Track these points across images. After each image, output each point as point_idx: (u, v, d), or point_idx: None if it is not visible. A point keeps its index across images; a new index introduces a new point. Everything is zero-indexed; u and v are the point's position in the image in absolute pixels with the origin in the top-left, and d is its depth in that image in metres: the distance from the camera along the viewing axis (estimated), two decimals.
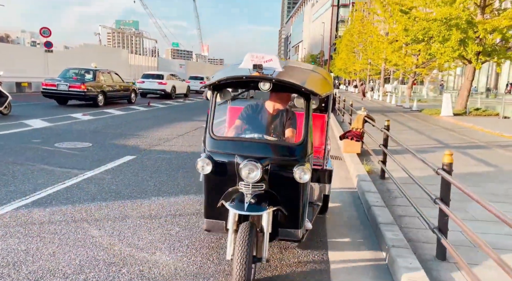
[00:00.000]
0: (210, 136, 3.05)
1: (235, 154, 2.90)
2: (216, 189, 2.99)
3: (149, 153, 7.18)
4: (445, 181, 3.16)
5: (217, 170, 2.94)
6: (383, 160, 5.97)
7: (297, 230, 3.01)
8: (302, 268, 3.20)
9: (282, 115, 3.38)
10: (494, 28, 14.68)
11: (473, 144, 9.48)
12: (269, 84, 2.92)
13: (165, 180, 5.47)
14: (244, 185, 2.83)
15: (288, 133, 3.29)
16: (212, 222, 3.09)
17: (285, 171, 2.89)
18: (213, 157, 2.94)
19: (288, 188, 2.92)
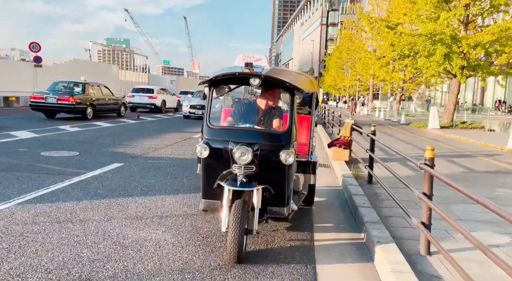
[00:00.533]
0: (207, 126, 3.48)
1: (229, 141, 3.34)
2: (212, 172, 3.40)
3: (137, 161, 7.15)
4: (428, 175, 3.21)
5: (214, 154, 3.36)
6: (370, 165, 6.04)
7: (283, 208, 3.41)
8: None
9: (272, 111, 3.90)
10: (477, 43, 15.13)
11: (459, 153, 9.63)
12: (258, 79, 3.35)
13: (152, 185, 5.44)
14: (237, 167, 3.27)
15: (275, 124, 3.76)
16: (209, 202, 3.48)
17: (272, 155, 3.31)
18: (210, 143, 3.37)
19: (275, 169, 3.34)
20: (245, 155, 3.21)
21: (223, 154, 3.36)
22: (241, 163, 3.23)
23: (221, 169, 3.37)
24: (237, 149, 3.22)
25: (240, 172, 3.25)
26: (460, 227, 2.49)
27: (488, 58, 16.68)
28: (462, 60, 15.68)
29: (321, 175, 6.75)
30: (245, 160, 3.22)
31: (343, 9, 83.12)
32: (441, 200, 4.63)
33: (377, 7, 29.18)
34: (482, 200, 2.25)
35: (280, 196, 3.39)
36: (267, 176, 3.34)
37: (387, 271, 2.90)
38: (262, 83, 3.39)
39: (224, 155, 3.36)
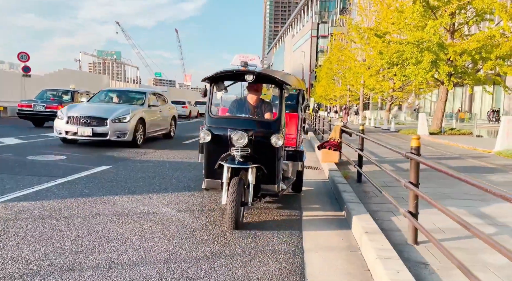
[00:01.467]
0: (209, 115, 4.07)
1: (228, 128, 3.90)
2: (213, 154, 3.95)
3: (125, 164, 7.07)
4: (414, 163, 3.23)
5: (215, 139, 3.92)
6: (359, 164, 6.05)
7: (274, 185, 3.99)
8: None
9: (261, 105, 4.53)
10: (463, 50, 15.44)
11: (447, 156, 9.73)
12: (252, 76, 3.94)
13: (140, 185, 5.37)
14: (234, 149, 3.80)
15: (267, 116, 4.43)
16: (210, 181, 4.04)
17: (264, 139, 3.87)
18: (211, 130, 3.94)
19: (267, 151, 3.90)
20: (241, 139, 3.76)
21: (223, 139, 3.90)
22: (238, 146, 3.78)
23: (221, 152, 3.91)
24: (234, 134, 3.77)
25: (238, 153, 3.78)
26: (446, 209, 2.49)
27: (475, 65, 17.01)
28: (449, 67, 15.97)
29: (311, 176, 6.76)
30: (241, 144, 3.77)
31: (333, 21, 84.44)
32: None
33: (366, 17, 29.69)
34: (465, 178, 2.26)
35: (271, 175, 3.96)
36: (260, 157, 3.88)
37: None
38: (255, 79, 3.98)
39: (224, 140, 3.90)
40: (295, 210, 4.51)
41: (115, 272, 2.65)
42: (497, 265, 2.79)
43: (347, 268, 2.96)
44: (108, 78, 35.19)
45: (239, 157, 3.78)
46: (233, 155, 3.82)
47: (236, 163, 3.73)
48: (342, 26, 59.85)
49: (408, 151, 3.32)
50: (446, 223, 3.71)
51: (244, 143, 3.77)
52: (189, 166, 7.15)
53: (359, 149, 6.04)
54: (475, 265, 2.78)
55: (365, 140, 6.10)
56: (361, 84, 32.33)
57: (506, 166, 7.95)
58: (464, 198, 4.94)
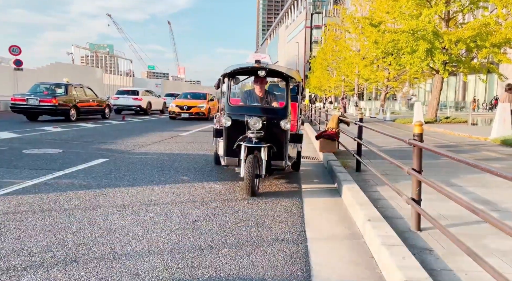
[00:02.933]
0: (228, 104, 4.89)
1: (245, 114, 4.66)
2: (232, 136, 4.71)
3: (123, 156, 7.01)
4: (417, 149, 3.22)
5: (234, 124, 4.70)
6: (358, 153, 6.05)
7: (282, 161, 4.80)
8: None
9: (268, 96, 5.39)
10: (458, 38, 15.43)
11: (444, 144, 9.77)
12: (264, 71, 4.87)
13: (139, 177, 5.33)
14: (250, 132, 4.55)
15: (274, 105, 5.31)
16: (229, 158, 4.79)
17: (275, 123, 4.68)
18: (231, 117, 4.72)
19: (277, 133, 4.71)
20: (256, 123, 4.52)
21: (241, 124, 4.66)
22: (254, 129, 4.52)
23: (239, 134, 4.69)
24: (251, 119, 4.53)
25: (253, 135, 4.52)
26: (452, 193, 2.48)
27: (469, 54, 17.02)
28: (444, 55, 15.96)
29: (309, 166, 6.76)
30: (256, 127, 4.52)
31: (327, 11, 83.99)
32: None
33: (360, 7, 29.53)
34: (466, 160, 2.24)
35: (280, 153, 4.75)
36: (271, 138, 4.65)
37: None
38: (266, 74, 4.94)
39: (241, 124, 4.65)
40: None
41: (120, 263, 2.62)
42: (502, 250, 2.80)
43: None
44: (102, 71, 34.78)
45: (254, 138, 4.52)
46: (249, 137, 4.56)
47: (253, 143, 4.49)
48: (336, 16, 59.54)
49: (411, 138, 3.31)
50: (448, 210, 3.73)
51: (259, 127, 4.52)
52: (188, 158, 7.11)
53: (357, 137, 6.03)
54: (480, 251, 2.79)
55: (364, 130, 6.09)
56: (356, 75, 32.30)
57: (503, 152, 8.00)
58: (466, 185, 4.96)
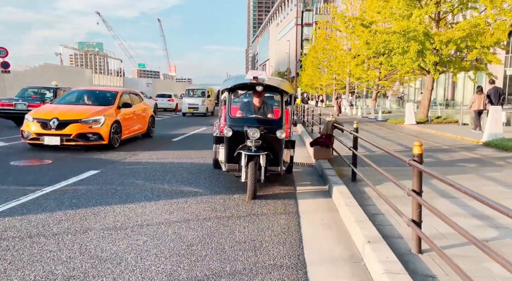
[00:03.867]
0: (229, 116, 5.38)
1: (244, 125, 5.12)
2: (233, 145, 5.15)
3: (114, 167, 6.86)
4: (417, 171, 3.15)
5: (234, 134, 5.14)
6: (353, 163, 5.99)
7: (278, 167, 5.26)
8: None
9: (265, 106, 5.82)
10: (449, 39, 15.48)
11: (437, 148, 9.77)
12: (262, 87, 5.40)
13: (131, 192, 5.20)
14: (250, 141, 4.99)
15: (269, 115, 5.72)
16: (231, 165, 5.25)
17: (272, 133, 5.13)
18: (232, 127, 5.16)
19: (273, 142, 5.17)
20: (255, 133, 4.95)
21: (240, 134, 5.09)
22: (253, 138, 4.96)
23: (239, 143, 5.12)
24: (250, 129, 4.98)
25: (252, 144, 4.96)
26: (452, 222, 2.42)
27: (460, 54, 17.11)
28: (435, 56, 16.02)
29: (305, 175, 6.68)
30: (255, 137, 4.96)
31: (317, 9, 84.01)
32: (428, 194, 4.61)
33: (350, 6, 29.55)
34: (472, 193, 2.18)
35: (276, 159, 5.21)
36: (268, 147, 5.10)
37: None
38: (263, 88, 5.46)
39: (241, 134, 5.08)
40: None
41: None
42: (506, 277, 2.75)
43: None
44: (91, 72, 34.29)
45: (253, 147, 4.95)
46: (248, 146, 4.99)
47: (252, 152, 4.93)
48: (326, 14, 59.60)
49: (411, 158, 3.24)
50: (449, 227, 3.68)
51: (257, 137, 4.96)
52: (181, 168, 6.98)
53: (353, 147, 5.96)
54: (482, 277, 2.74)
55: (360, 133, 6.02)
56: (347, 73, 32.35)
57: (498, 158, 8.01)
58: (463, 196, 4.92)
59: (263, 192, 5.40)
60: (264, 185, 5.64)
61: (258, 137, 4.96)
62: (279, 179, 6.11)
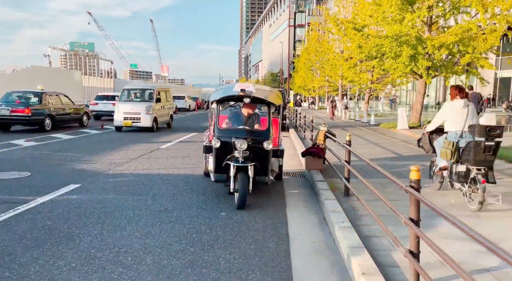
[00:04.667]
0: (217, 127, 5.36)
1: (232, 136, 5.14)
2: (221, 156, 5.18)
3: (96, 180, 6.54)
4: (414, 199, 2.91)
5: (222, 145, 5.16)
6: (346, 177, 5.75)
7: (265, 177, 5.32)
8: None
9: (253, 116, 5.90)
10: (441, 44, 15.38)
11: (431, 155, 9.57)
12: (249, 99, 5.44)
13: (111, 211, 4.89)
14: (237, 152, 5.03)
15: (257, 126, 5.79)
16: (219, 175, 5.27)
17: (259, 144, 5.16)
18: (220, 138, 5.18)
19: (260, 153, 5.20)
20: (242, 144, 5.01)
21: (228, 145, 5.13)
22: (240, 149, 5.01)
23: (227, 154, 5.15)
24: (237, 141, 5.02)
25: (240, 155, 5.03)
26: (449, 259, 2.17)
27: (452, 58, 17.03)
28: (427, 61, 15.91)
29: (295, 185, 6.42)
30: (242, 148, 5.01)
31: (310, 10, 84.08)
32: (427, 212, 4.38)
33: (343, 8, 29.44)
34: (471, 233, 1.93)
35: (264, 170, 5.27)
36: (256, 157, 5.15)
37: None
38: (251, 100, 5.53)
39: (229, 145, 5.12)
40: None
41: None
42: None
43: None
44: (81, 74, 33.69)
45: (241, 158, 5.03)
46: (236, 157, 5.05)
47: (240, 162, 5.02)
48: (319, 16, 59.56)
49: (408, 184, 3.00)
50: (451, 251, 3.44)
51: (244, 148, 5.02)
52: (167, 180, 6.68)
53: (346, 161, 5.73)
54: None
55: (353, 138, 5.79)
56: (339, 76, 32.24)
57: None
58: (462, 214, 4.70)
59: (253, 206, 5.22)
60: (253, 197, 5.45)
61: (245, 148, 5.03)
62: (269, 188, 6.03)
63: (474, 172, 4.77)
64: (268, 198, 5.70)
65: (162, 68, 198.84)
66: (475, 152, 4.74)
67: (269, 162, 5.31)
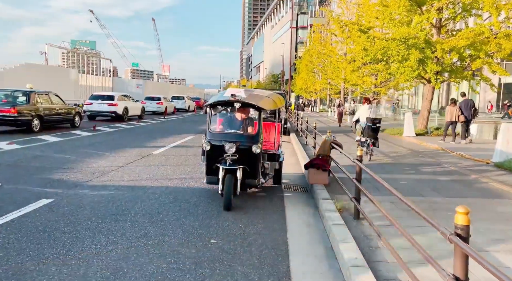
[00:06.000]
0: (209, 131, 5.55)
1: (222, 140, 5.36)
2: (212, 159, 5.36)
3: (73, 194, 5.80)
4: (462, 253, 2.17)
5: (213, 148, 5.35)
6: (356, 197, 5.02)
7: (254, 180, 5.49)
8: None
9: (246, 121, 5.93)
10: (452, 47, 14.66)
11: (444, 169, 8.84)
12: (239, 103, 5.45)
13: (80, 237, 4.15)
14: (226, 155, 5.21)
15: (249, 130, 5.82)
16: (210, 177, 5.45)
17: (247, 148, 5.32)
18: (211, 142, 5.38)
19: (249, 156, 5.34)
20: (231, 148, 5.17)
21: (219, 148, 5.28)
22: (229, 152, 5.17)
23: (217, 156, 5.29)
24: (227, 144, 5.19)
25: (229, 158, 5.17)
26: None
27: (462, 63, 16.30)
28: (436, 65, 15.18)
29: (297, 202, 5.68)
30: (231, 151, 5.17)
31: (312, 12, 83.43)
32: None
33: (346, 10, 28.73)
34: None
35: (253, 172, 5.41)
36: (245, 160, 5.28)
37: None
38: (241, 105, 5.52)
39: (219, 148, 5.27)
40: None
41: None
42: None
43: None
44: (77, 72, 32.90)
45: (230, 161, 5.18)
46: (226, 159, 5.21)
47: (228, 165, 5.16)
48: (322, 17, 58.87)
49: (452, 233, 2.25)
50: None
51: (233, 151, 5.19)
52: (154, 194, 5.94)
53: (356, 179, 4.99)
54: None
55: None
56: (342, 79, 31.49)
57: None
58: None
59: (250, 231, 4.45)
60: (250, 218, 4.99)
61: (234, 151, 5.21)
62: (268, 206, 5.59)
63: (368, 141, 9.45)
64: (266, 221, 4.97)
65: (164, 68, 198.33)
66: (367, 131, 9.55)
67: (258, 165, 5.50)
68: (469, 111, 13.86)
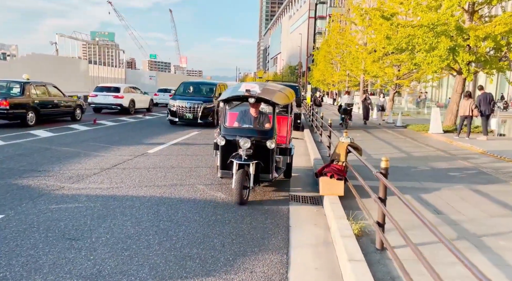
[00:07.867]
0: (223, 126, 5.78)
1: (236, 135, 5.53)
2: (226, 153, 5.56)
3: (32, 207, 4.79)
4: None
5: (227, 143, 5.56)
6: (380, 222, 3.84)
7: (268, 175, 5.64)
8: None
9: (261, 116, 6.10)
10: (487, 35, 13.07)
11: (487, 175, 7.50)
12: (254, 99, 5.66)
13: (11, 277, 3.12)
14: (241, 150, 5.38)
15: (266, 126, 5.98)
16: (224, 171, 5.68)
17: (262, 143, 5.51)
18: (225, 137, 5.59)
19: (264, 152, 5.53)
20: (246, 143, 5.33)
21: (233, 143, 5.49)
22: (244, 148, 5.33)
23: (232, 151, 5.49)
24: (241, 139, 5.35)
25: (243, 153, 5.34)
26: None
27: (497, 52, 14.64)
28: (470, 55, 13.61)
29: (306, 223, 4.52)
30: (246, 147, 5.33)
31: (332, 1, 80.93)
32: None
33: None
34: None
35: (267, 167, 5.57)
36: (259, 155, 5.46)
37: None
38: (256, 100, 5.70)
39: (233, 143, 5.48)
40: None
41: None
42: None
43: None
44: (86, 63, 32.20)
45: (244, 156, 5.29)
46: (240, 154, 5.33)
47: (242, 160, 5.28)
48: (341, 7, 56.62)
49: None
50: None
51: (247, 146, 5.30)
52: (128, 210, 4.88)
53: (380, 199, 3.80)
54: None
55: (376, 144, 3.85)
56: (361, 70, 29.83)
57: None
58: None
59: (244, 264, 3.33)
60: (242, 250, 3.87)
61: (248, 147, 5.28)
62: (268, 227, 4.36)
63: (344, 117, 16.66)
64: (263, 250, 3.84)
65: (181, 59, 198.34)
66: (343, 110, 16.82)
67: (273, 160, 5.55)
68: (488, 105, 13.03)
